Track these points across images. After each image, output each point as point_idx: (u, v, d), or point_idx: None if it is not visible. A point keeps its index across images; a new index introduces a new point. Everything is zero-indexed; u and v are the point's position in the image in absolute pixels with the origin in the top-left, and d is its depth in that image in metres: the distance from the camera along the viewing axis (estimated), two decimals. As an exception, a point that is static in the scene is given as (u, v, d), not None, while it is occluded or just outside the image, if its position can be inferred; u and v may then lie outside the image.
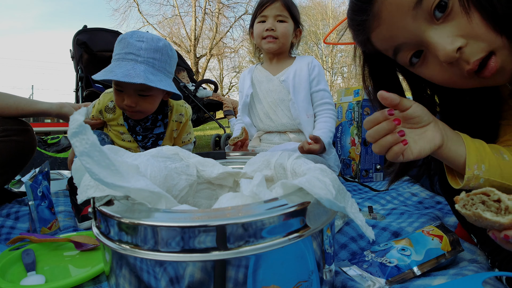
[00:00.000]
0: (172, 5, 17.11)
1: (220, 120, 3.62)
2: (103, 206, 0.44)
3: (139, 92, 1.03)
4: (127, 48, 0.99)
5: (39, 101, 1.18)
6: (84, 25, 2.75)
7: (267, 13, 1.33)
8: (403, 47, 0.55)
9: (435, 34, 0.50)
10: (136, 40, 0.99)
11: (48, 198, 0.93)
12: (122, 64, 0.98)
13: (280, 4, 1.32)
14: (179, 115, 1.22)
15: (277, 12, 1.32)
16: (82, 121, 0.38)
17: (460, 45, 0.48)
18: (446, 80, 0.55)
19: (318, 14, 21.33)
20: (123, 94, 1.04)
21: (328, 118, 1.33)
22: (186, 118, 1.24)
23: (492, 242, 0.59)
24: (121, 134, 1.18)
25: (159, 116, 1.17)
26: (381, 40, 0.57)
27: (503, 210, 0.39)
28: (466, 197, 0.42)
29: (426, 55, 0.54)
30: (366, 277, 0.62)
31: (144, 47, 0.99)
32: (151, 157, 0.62)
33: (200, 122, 3.59)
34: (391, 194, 1.22)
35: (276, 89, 1.37)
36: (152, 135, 1.18)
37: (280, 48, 1.36)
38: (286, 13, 1.33)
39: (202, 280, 0.38)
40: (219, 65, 20.05)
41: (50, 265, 0.74)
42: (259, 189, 0.46)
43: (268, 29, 1.32)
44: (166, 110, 1.18)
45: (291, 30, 1.36)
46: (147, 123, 1.16)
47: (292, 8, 1.35)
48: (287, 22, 1.34)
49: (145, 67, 0.98)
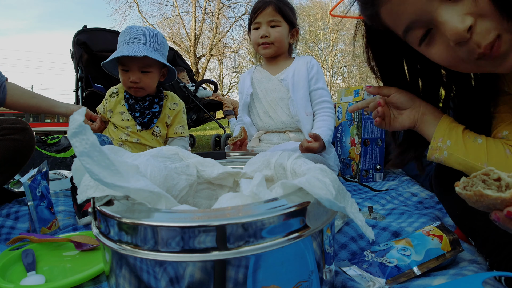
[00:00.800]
0: (172, 5, 17.14)
1: (220, 120, 3.62)
2: (103, 206, 0.44)
3: (142, 69, 1.27)
4: (130, 35, 1.23)
5: (58, 103, 1.32)
6: (84, 25, 2.75)
7: (260, 20, 1.34)
8: (414, 25, 0.54)
9: (446, 12, 0.49)
10: (137, 30, 1.25)
11: (47, 198, 0.93)
12: (126, 46, 1.22)
13: (272, 9, 1.33)
14: (173, 104, 1.41)
15: (269, 17, 1.33)
16: (82, 121, 0.38)
17: (471, 24, 0.47)
18: (450, 61, 0.55)
19: (318, 14, 21.33)
20: (129, 73, 1.27)
21: (327, 116, 1.34)
22: (179, 108, 1.42)
23: (490, 243, 0.59)
24: (121, 114, 1.36)
25: (155, 99, 1.38)
26: (391, 15, 0.56)
27: (504, 187, 0.39)
28: (467, 179, 0.42)
29: (433, 34, 0.54)
30: (366, 277, 0.62)
31: (143, 33, 1.24)
32: (151, 157, 0.62)
33: (200, 122, 3.58)
34: (391, 194, 1.22)
35: (276, 88, 1.38)
36: (148, 112, 1.36)
37: (276, 52, 1.38)
38: (278, 17, 1.33)
39: (202, 280, 0.38)
40: (219, 65, 20.07)
41: (50, 265, 0.74)
42: (259, 189, 0.46)
43: (262, 36, 1.34)
44: (162, 95, 1.40)
45: (285, 33, 1.36)
46: (145, 104, 1.35)
47: (285, 11, 1.34)
48: (281, 26, 1.34)
49: (145, 46, 1.23)
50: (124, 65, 1.28)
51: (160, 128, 1.38)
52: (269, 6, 1.32)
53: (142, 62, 1.24)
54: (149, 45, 1.23)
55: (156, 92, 1.38)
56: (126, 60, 1.25)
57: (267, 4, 1.33)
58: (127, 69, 1.27)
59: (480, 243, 0.64)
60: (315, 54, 21.48)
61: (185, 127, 1.45)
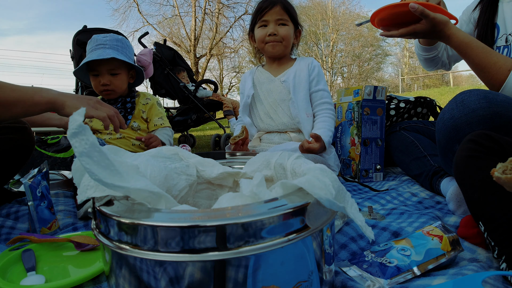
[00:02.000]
0: (172, 5, 17.13)
1: (220, 120, 3.61)
2: (103, 206, 0.44)
3: (110, 71, 1.36)
4: (96, 42, 1.34)
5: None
6: (84, 25, 2.75)
7: (268, 18, 1.34)
8: None
9: None
10: (102, 37, 1.36)
11: (47, 198, 0.93)
12: (94, 52, 1.32)
13: (280, 8, 1.33)
14: (146, 99, 1.49)
15: (277, 16, 1.33)
16: (81, 122, 0.38)
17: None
18: None
19: (318, 14, 21.34)
20: (99, 77, 1.37)
21: (327, 117, 1.34)
22: (152, 102, 1.49)
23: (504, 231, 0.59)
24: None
25: (127, 99, 1.47)
26: None
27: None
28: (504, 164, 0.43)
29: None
30: (366, 277, 0.62)
31: (108, 39, 1.35)
32: (151, 157, 0.62)
33: (200, 122, 3.58)
34: (391, 194, 1.22)
35: (277, 89, 1.38)
36: (121, 110, 1.45)
37: (283, 51, 1.39)
38: (286, 16, 1.34)
39: (202, 280, 0.38)
40: (219, 65, 20.07)
41: (50, 265, 0.74)
42: (259, 189, 0.46)
43: (271, 34, 1.34)
44: (134, 94, 1.49)
45: (292, 33, 1.38)
46: (118, 105, 1.45)
47: (291, 11, 1.36)
48: (288, 25, 1.35)
49: (111, 50, 1.33)
50: (93, 70, 1.37)
51: (138, 123, 1.45)
52: (277, 5, 1.33)
53: (110, 65, 1.35)
54: (114, 49, 1.35)
55: (128, 93, 1.49)
56: (95, 65, 1.35)
57: (275, 3, 1.34)
58: (97, 73, 1.37)
59: (492, 229, 0.63)
60: (315, 54, 21.48)
61: (164, 118, 1.51)
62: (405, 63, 23.72)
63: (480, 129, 0.79)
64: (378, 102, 1.53)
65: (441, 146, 0.91)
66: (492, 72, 0.88)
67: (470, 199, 0.69)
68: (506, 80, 0.86)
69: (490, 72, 0.89)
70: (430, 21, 0.91)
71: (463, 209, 0.94)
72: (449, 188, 1.00)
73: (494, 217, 0.62)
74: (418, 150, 1.32)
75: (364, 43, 22.47)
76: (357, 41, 22.36)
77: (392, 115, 1.69)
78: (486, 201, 0.65)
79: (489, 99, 0.79)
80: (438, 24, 0.91)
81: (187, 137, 3.82)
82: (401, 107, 1.69)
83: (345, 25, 21.49)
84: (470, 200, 0.70)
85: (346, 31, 21.84)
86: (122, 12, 16.74)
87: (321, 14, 21.21)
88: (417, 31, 0.94)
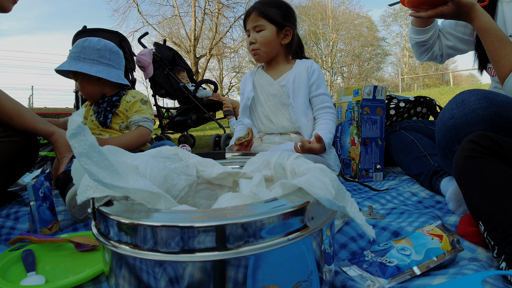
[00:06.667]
0: (172, 6, 17.13)
1: (220, 120, 3.61)
2: (103, 206, 0.44)
3: (81, 79, 1.40)
4: (74, 49, 1.36)
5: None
6: (84, 26, 2.75)
7: (248, 27, 1.35)
8: None
9: None
10: (81, 44, 1.37)
11: (49, 199, 0.93)
12: (67, 59, 1.38)
13: (255, 15, 1.32)
14: (131, 97, 1.49)
15: (254, 23, 1.33)
16: (80, 122, 0.38)
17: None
18: None
19: (317, 14, 21.34)
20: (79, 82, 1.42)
21: (329, 120, 1.33)
22: (136, 99, 1.48)
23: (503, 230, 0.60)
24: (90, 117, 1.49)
25: (113, 98, 1.48)
26: None
27: None
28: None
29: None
30: (366, 277, 0.62)
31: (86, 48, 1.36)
32: (150, 158, 0.62)
33: (200, 122, 3.58)
34: (391, 193, 1.22)
35: (277, 93, 1.37)
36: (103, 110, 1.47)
37: (266, 57, 1.37)
38: (262, 21, 1.32)
39: (202, 280, 0.38)
40: (219, 65, 20.08)
41: (50, 265, 0.74)
42: (259, 189, 0.46)
43: (250, 42, 1.35)
44: (121, 93, 1.49)
45: (271, 35, 1.33)
46: (103, 104, 1.47)
47: (269, 13, 1.32)
48: (265, 29, 1.32)
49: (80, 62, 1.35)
50: (72, 75, 1.42)
51: (125, 123, 1.46)
52: (252, 12, 1.33)
53: (78, 74, 1.38)
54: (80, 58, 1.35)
55: (118, 92, 1.49)
56: (69, 72, 1.40)
57: (251, 11, 1.34)
58: (76, 78, 1.42)
59: (491, 228, 0.63)
60: (315, 54, 21.47)
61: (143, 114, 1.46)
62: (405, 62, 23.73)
63: (480, 129, 0.79)
64: (378, 102, 1.53)
65: (441, 146, 0.91)
66: (499, 64, 0.91)
67: (470, 199, 0.70)
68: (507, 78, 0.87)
69: (499, 63, 0.91)
70: (456, 4, 0.95)
71: (463, 208, 0.94)
72: (449, 187, 1.00)
73: (494, 217, 0.62)
74: (418, 149, 1.33)
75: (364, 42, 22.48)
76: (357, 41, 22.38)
77: (392, 114, 1.69)
78: (485, 201, 0.65)
79: (489, 99, 0.79)
80: (463, 7, 0.95)
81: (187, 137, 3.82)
82: (401, 107, 1.69)
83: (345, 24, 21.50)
84: (470, 200, 0.70)
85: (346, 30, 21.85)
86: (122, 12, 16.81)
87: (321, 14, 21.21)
88: (444, 13, 0.99)
